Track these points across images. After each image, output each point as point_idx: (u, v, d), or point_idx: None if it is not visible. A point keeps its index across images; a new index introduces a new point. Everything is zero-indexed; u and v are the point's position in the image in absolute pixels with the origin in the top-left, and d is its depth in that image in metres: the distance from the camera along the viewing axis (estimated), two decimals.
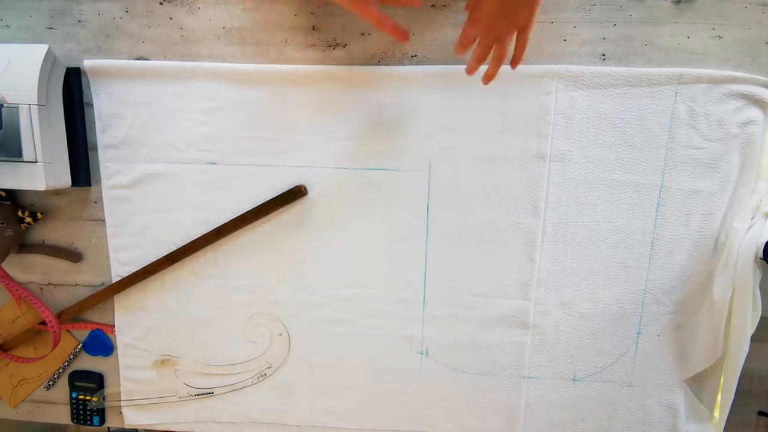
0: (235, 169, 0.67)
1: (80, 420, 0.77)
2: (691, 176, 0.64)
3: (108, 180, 0.68)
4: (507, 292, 0.69)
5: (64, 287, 0.74)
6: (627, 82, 0.62)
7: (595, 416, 0.73)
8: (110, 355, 0.75)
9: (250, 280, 0.71)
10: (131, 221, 0.69)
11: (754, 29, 0.61)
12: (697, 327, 0.68)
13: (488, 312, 0.70)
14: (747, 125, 0.62)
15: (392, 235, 0.68)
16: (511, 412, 0.73)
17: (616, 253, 0.67)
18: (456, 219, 0.67)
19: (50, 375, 0.77)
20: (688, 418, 0.72)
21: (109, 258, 0.71)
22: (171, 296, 0.72)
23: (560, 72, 0.62)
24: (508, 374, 0.72)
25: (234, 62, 0.65)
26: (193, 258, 0.70)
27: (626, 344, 0.70)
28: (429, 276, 0.69)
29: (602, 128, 0.64)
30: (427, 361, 0.72)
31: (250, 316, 0.72)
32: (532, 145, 0.64)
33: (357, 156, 0.66)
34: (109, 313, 0.74)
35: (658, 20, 0.61)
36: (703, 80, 0.61)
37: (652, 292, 0.68)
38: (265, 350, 0.73)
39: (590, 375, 0.71)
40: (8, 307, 0.74)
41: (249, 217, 0.67)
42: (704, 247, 0.66)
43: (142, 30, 0.65)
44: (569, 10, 0.61)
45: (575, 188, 0.65)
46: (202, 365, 0.74)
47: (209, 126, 0.66)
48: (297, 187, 0.66)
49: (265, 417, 0.76)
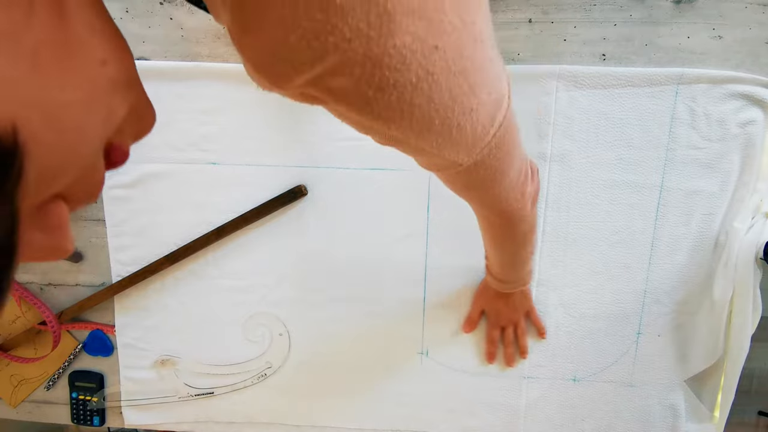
0: (235, 169, 0.67)
1: (80, 420, 0.77)
2: (691, 176, 0.64)
3: (108, 180, 0.68)
4: None
5: (64, 287, 0.73)
6: (627, 82, 0.62)
7: (595, 416, 0.72)
8: (110, 355, 0.75)
9: (250, 280, 0.71)
10: (131, 221, 0.69)
11: (754, 29, 0.61)
12: (697, 327, 0.68)
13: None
14: (747, 125, 0.62)
15: (392, 235, 0.68)
16: (511, 412, 0.73)
17: (616, 253, 0.67)
18: (456, 219, 0.67)
19: (50, 375, 0.77)
20: (688, 418, 0.72)
21: (109, 258, 0.71)
22: (171, 296, 0.72)
23: (560, 72, 0.62)
24: (508, 374, 0.72)
25: (234, 62, 0.65)
26: (193, 258, 0.70)
27: (626, 344, 0.70)
28: (429, 276, 0.69)
29: (602, 128, 0.64)
30: (427, 361, 0.72)
31: (250, 316, 0.72)
32: (533, 145, 0.64)
33: (357, 156, 0.66)
34: (109, 313, 0.74)
35: (658, 20, 0.61)
36: (703, 80, 0.61)
37: (652, 292, 0.68)
38: (265, 350, 0.73)
39: (590, 375, 0.71)
40: (8, 307, 0.74)
41: (249, 217, 0.67)
42: (704, 247, 0.66)
43: (142, 30, 0.64)
44: (569, 10, 0.61)
45: (575, 188, 0.65)
46: (202, 365, 0.74)
47: (209, 126, 0.66)
48: (297, 187, 0.66)
49: (265, 417, 0.75)
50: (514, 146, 0.32)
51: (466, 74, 0.23)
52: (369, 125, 0.25)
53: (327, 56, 0.20)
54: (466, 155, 0.29)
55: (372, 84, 0.21)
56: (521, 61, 0.63)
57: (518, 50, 0.63)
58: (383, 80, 0.21)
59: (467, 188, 0.36)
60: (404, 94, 0.22)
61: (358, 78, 0.21)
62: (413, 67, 0.21)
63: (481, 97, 0.25)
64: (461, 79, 0.23)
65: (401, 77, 0.22)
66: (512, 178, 0.36)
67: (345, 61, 0.20)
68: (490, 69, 0.25)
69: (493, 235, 0.49)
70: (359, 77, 0.21)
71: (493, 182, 0.34)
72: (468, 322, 0.70)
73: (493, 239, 0.50)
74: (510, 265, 0.57)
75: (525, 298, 0.67)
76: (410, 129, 0.25)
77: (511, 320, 0.68)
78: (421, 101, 0.23)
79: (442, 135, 0.26)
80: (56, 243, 0.19)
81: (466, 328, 0.70)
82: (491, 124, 0.28)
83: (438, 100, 0.23)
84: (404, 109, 0.23)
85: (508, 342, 0.69)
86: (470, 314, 0.70)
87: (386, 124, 0.24)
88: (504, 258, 0.55)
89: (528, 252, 0.53)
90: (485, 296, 0.68)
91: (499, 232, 0.48)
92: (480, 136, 0.28)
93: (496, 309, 0.68)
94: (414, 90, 0.22)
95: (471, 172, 0.30)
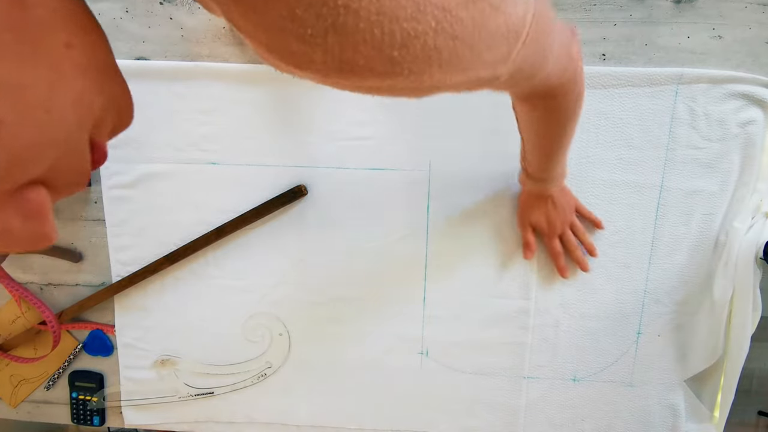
0: (235, 169, 0.67)
1: (80, 420, 0.77)
2: (691, 176, 0.64)
3: (108, 180, 0.68)
4: (507, 292, 0.69)
5: (64, 287, 0.73)
6: (627, 82, 0.62)
7: (595, 416, 0.72)
8: (110, 355, 0.75)
9: (250, 280, 0.71)
10: (131, 221, 0.69)
11: (754, 29, 0.61)
12: (698, 327, 0.68)
13: (488, 312, 0.70)
14: (747, 125, 0.62)
15: (392, 235, 0.68)
16: (511, 412, 0.73)
17: (616, 252, 0.67)
18: (456, 219, 0.67)
19: (50, 375, 0.77)
20: (688, 418, 0.72)
21: (109, 258, 0.71)
22: (171, 296, 0.72)
23: None
24: (508, 374, 0.72)
25: (234, 62, 0.65)
26: (193, 258, 0.70)
27: (626, 344, 0.70)
28: (429, 276, 0.69)
29: (602, 128, 0.64)
30: (427, 361, 0.72)
31: (250, 316, 0.72)
32: None
33: (357, 156, 0.66)
34: (109, 313, 0.74)
35: (658, 20, 0.61)
36: (703, 80, 0.61)
37: (652, 292, 0.68)
38: (265, 350, 0.73)
39: (590, 375, 0.71)
40: (8, 307, 0.74)
41: (249, 217, 0.67)
42: (704, 247, 0.66)
43: (142, 30, 0.64)
44: (569, 10, 0.61)
45: (575, 188, 0.65)
46: (202, 365, 0.74)
47: (209, 126, 0.66)
48: (297, 187, 0.66)
49: (265, 417, 0.75)
50: (550, 26, 0.30)
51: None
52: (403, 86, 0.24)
53: (338, 22, 0.19)
54: (503, 66, 0.27)
55: (394, 43, 0.20)
56: None
57: None
58: (404, 35, 0.20)
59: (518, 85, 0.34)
60: (427, 41, 0.21)
61: (380, 41, 0.20)
62: (429, 10, 0.20)
63: (507, 11, 0.24)
64: (482, 3, 0.22)
65: (420, 25, 0.20)
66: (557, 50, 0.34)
67: (358, 23, 0.19)
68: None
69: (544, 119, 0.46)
70: (380, 40, 0.20)
71: (541, 66, 0.32)
72: (526, 246, 0.66)
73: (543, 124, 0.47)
74: (557, 152, 0.52)
75: (567, 194, 0.63)
76: (442, 72, 0.23)
77: (565, 222, 0.64)
78: (446, 41, 0.22)
79: (475, 63, 0.24)
80: (37, 230, 0.19)
81: (527, 253, 0.66)
82: (522, 26, 0.26)
83: (463, 34, 0.22)
84: (431, 55, 0.22)
85: (573, 246, 0.65)
86: (524, 237, 0.65)
87: (419, 77, 0.23)
88: (552, 144, 0.51)
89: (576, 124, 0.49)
90: (530, 208, 0.63)
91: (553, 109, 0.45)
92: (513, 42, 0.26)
93: (546, 216, 0.63)
94: (436, 34, 0.21)
95: (516, 73, 0.29)
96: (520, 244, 0.67)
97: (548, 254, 0.67)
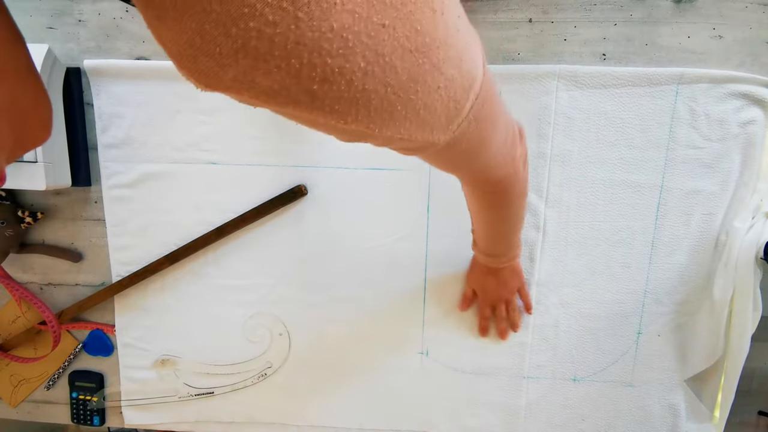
0: (235, 169, 0.67)
1: (80, 420, 0.77)
2: (691, 176, 0.64)
3: (108, 180, 0.68)
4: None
5: (64, 287, 0.73)
6: (627, 81, 0.62)
7: (596, 416, 0.72)
8: (110, 355, 0.75)
9: (250, 280, 0.71)
10: (131, 221, 0.69)
11: (754, 29, 0.61)
12: (698, 327, 0.68)
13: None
14: (747, 125, 0.62)
15: (392, 235, 0.68)
16: (511, 412, 0.73)
17: (616, 252, 0.67)
18: (456, 219, 0.67)
19: (50, 375, 0.77)
20: (688, 418, 0.72)
21: (109, 258, 0.71)
22: (171, 296, 0.72)
23: (561, 72, 0.62)
24: (508, 374, 0.72)
25: None
26: (193, 258, 0.70)
27: (627, 344, 0.70)
28: (429, 276, 0.69)
29: (603, 128, 0.63)
30: (427, 361, 0.72)
31: (250, 316, 0.72)
32: (533, 145, 0.64)
33: (357, 156, 0.66)
34: (109, 313, 0.74)
35: (658, 20, 0.61)
36: (703, 80, 0.61)
37: (652, 292, 0.68)
38: (266, 350, 0.73)
39: (590, 375, 0.71)
40: (8, 307, 0.74)
41: (249, 217, 0.67)
42: (705, 247, 0.66)
43: (142, 30, 0.64)
44: (569, 10, 0.61)
45: (576, 188, 0.65)
46: (202, 365, 0.74)
47: (209, 126, 0.66)
48: (297, 187, 0.66)
49: (265, 417, 0.75)
50: (496, 114, 0.30)
51: (425, 51, 0.21)
52: (324, 122, 0.22)
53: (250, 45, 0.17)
54: (442, 133, 0.26)
55: (314, 76, 0.19)
56: (521, 60, 0.63)
57: (518, 50, 0.63)
58: (326, 70, 0.18)
59: (452, 164, 0.33)
60: (354, 82, 0.20)
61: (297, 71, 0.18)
62: (359, 50, 0.19)
63: (448, 72, 0.23)
64: (420, 56, 0.21)
65: (347, 63, 0.19)
66: (498, 144, 0.33)
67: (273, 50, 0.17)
68: (457, 41, 0.23)
69: (483, 205, 0.46)
70: (298, 70, 0.18)
71: (478, 153, 0.31)
72: (463, 300, 0.69)
73: (483, 209, 0.47)
74: (499, 236, 0.54)
75: (515, 274, 0.65)
76: (370, 119, 0.22)
77: (501, 297, 0.66)
78: (376, 87, 0.20)
79: (408, 119, 0.23)
80: None
81: (462, 306, 0.69)
82: (466, 99, 0.25)
83: (395, 83, 0.21)
84: (358, 98, 0.20)
85: (500, 318, 0.68)
86: (464, 292, 0.69)
87: (342, 118, 0.21)
88: (494, 228, 0.52)
89: (519, 219, 0.50)
90: (475, 274, 0.66)
91: (491, 200, 0.44)
92: (454, 113, 0.25)
93: (485, 286, 0.66)
94: (365, 75, 0.19)
95: (452, 148, 0.28)
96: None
97: (476, 314, 0.70)
